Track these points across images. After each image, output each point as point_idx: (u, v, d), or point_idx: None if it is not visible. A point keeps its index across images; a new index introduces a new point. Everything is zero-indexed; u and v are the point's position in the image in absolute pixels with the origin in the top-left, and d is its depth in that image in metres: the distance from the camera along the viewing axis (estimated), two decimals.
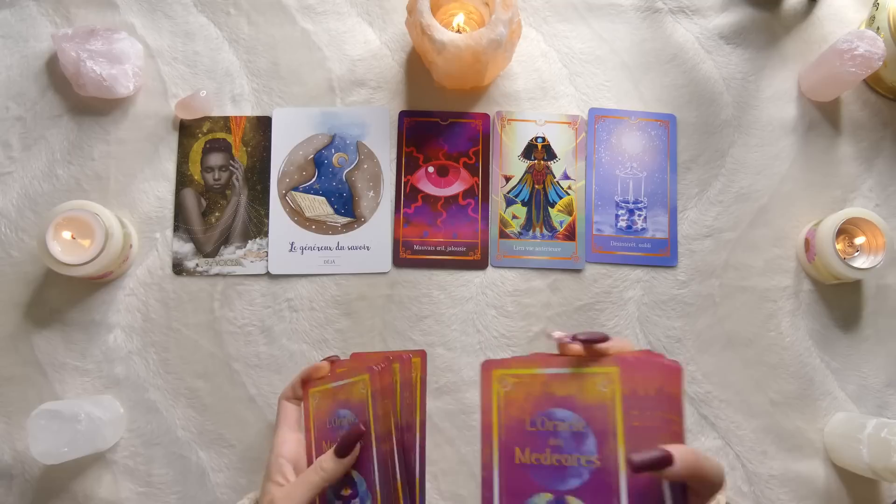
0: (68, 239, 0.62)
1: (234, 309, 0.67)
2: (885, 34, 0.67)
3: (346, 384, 0.48)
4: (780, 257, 0.69)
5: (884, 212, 0.70)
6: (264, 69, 0.71)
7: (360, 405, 0.47)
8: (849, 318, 0.69)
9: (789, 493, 0.65)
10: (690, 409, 0.66)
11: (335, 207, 0.69)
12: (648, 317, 0.68)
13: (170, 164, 0.69)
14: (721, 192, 0.70)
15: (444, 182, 0.70)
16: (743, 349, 0.68)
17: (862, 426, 0.61)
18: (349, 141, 0.70)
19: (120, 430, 0.64)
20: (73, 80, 0.68)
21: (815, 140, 0.72)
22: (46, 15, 0.72)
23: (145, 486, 0.64)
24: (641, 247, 0.69)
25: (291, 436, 0.51)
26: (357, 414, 0.47)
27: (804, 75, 0.72)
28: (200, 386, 0.66)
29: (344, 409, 0.48)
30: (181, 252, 0.68)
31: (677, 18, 0.74)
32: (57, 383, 0.65)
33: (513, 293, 0.68)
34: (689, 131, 0.72)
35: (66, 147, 0.69)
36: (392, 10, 0.73)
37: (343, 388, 0.49)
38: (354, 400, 0.48)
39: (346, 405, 0.48)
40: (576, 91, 0.72)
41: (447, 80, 0.69)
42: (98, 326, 0.66)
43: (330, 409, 0.49)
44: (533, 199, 0.70)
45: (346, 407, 0.48)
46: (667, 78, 0.73)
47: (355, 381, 0.48)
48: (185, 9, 0.72)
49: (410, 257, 0.68)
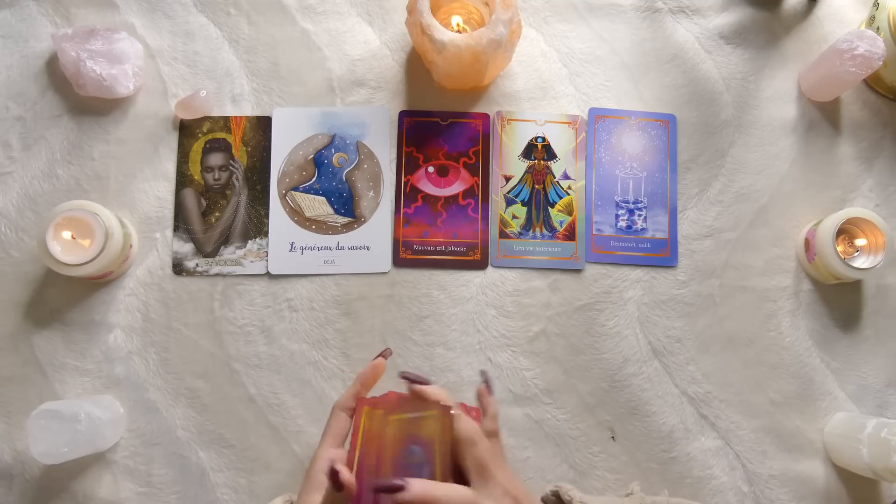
0: (68, 239, 0.62)
1: (234, 309, 0.67)
2: (885, 34, 0.67)
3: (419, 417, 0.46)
4: (780, 257, 0.69)
5: (884, 212, 0.70)
6: (264, 69, 0.71)
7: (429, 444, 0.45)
8: (849, 318, 0.69)
9: (789, 493, 0.65)
10: (690, 408, 0.66)
11: (335, 207, 0.69)
12: (648, 317, 0.68)
13: (170, 164, 0.69)
14: (721, 192, 0.70)
15: (444, 182, 0.70)
16: (743, 349, 0.68)
17: (862, 426, 0.61)
18: (349, 141, 0.70)
19: (120, 430, 0.64)
20: (73, 80, 0.68)
21: (815, 140, 0.72)
22: (46, 15, 0.72)
23: (145, 486, 0.64)
24: (641, 247, 0.69)
25: (335, 452, 0.49)
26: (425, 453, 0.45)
27: (804, 75, 0.72)
28: (200, 386, 0.66)
29: (416, 446, 0.46)
30: (181, 252, 0.68)
31: (677, 18, 0.74)
32: (57, 383, 0.65)
33: (513, 293, 0.68)
34: (689, 131, 0.72)
35: (66, 147, 0.69)
36: (392, 10, 0.73)
37: (416, 421, 0.46)
38: (423, 436, 0.46)
39: (417, 441, 0.46)
40: (576, 91, 0.72)
41: (447, 80, 0.69)
42: (98, 326, 0.66)
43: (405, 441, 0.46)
44: (533, 199, 0.70)
45: (416, 443, 0.46)
46: (667, 78, 0.73)
47: (427, 416, 0.46)
48: (185, 9, 0.72)
49: (410, 257, 0.68)
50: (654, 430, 0.66)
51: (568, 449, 0.65)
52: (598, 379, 0.66)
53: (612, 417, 0.66)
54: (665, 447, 0.65)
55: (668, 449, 0.65)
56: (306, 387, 0.66)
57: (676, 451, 0.65)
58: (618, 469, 0.65)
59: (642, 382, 0.66)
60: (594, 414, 0.66)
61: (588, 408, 0.66)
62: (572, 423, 0.65)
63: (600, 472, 0.65)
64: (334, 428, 0.50)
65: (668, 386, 0.67)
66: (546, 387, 0.66)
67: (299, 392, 0.66)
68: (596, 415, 0.66)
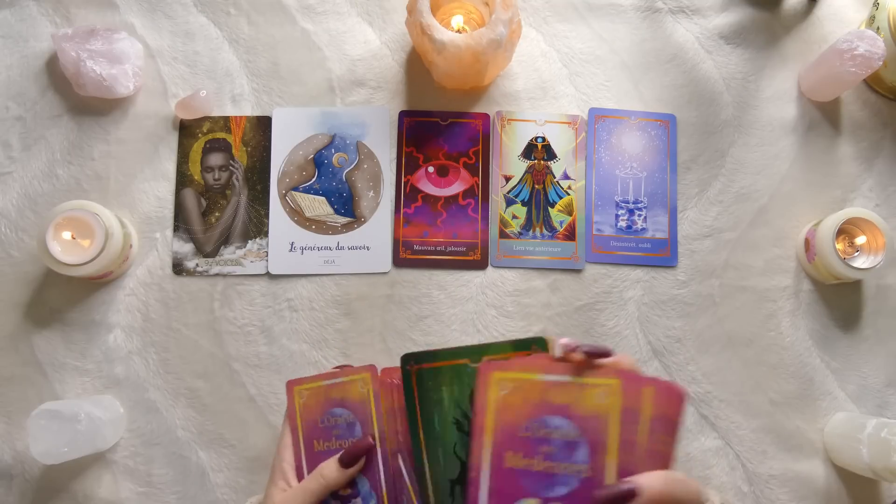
0: (68, 239, 0.62)
1: (234, 309, 0.67)
2: (885, 34, 0.67)
3: (340, 382, 0.48)
4: (780, 257, 0.69)
5: (884, 212, 0.70)
6: (264, 69, 0.71)
7: (359, 404, 0.47)
8: (849, 318, 0.69)
9: (789, 493, 0.65)
10: (690, 409, 0.66)
11: (335, 207, 0.69)
12: (648, 317, 0.68)
13: (170, 164, 0.69)
14: (721, 192, 0.70)
15: (444, 182, 0.70)
16: (743, 349, 0.68)
17: (862, 426, 0.61)
18: (349, 141, 0.70)
19: (120, 430, 0.64)
20: (73, 80, 0.68)
21: (815, 140, 0.72)
22: (46, 15, 0.72)
23: (145, 486, 0.64)
24: (641, 247, 0.69)
25: None
26: (356, 413, 0.47)
27: (804, 75, 0.72)
28: (200, 386, 0.66)
29: (339, 408, 0.48)
30: (181, 252, 0.68)
31: (677, 18, 0.74)
32: (57, 383, 0.65)
33: (513, 293, 0.68)
34: (689, 131, 0.72)
35: (66, 147, 0.69)
36: (392, 10, 0.73)
37: (337, 386, 0.48)
38: (352, 398, 0.47)
39: (341, 404, 0.48)
40: (576, 91, 0.72)
41: (447, 80, 0.69)
42: (98, 326, 0.66)
43: (321, 407, 0.48)
44: (533, 199, 0.70)
45: (341, 405, 0.48)
46: (667, 78, 0.73)
47: (353, 380, 0.47)
48: (185, 9, 0.72)
49: (410, 257, 0.68)
50: None
51: None
52: None
53: None
54: None
55: None
56: None
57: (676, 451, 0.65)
58: None
59: None
60: None
61: None
62: None
63: None
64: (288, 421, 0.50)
65: None
66: None
67: None
68: None
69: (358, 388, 0.47)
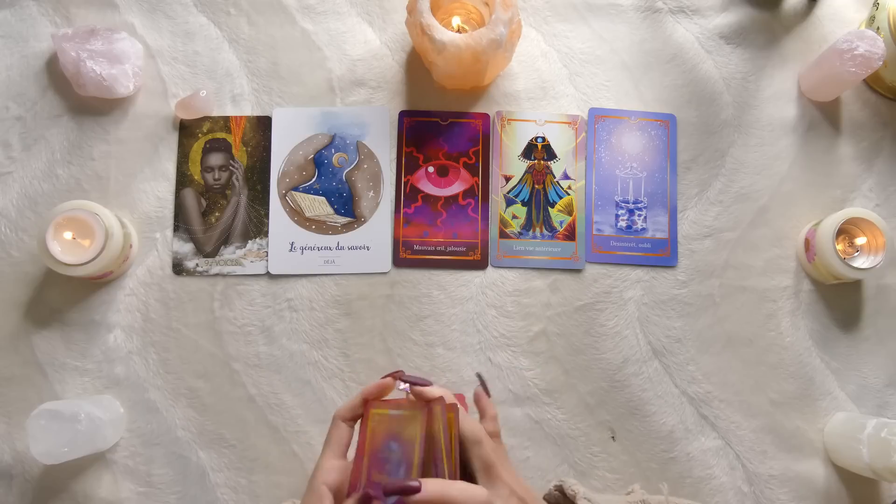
0: (68, 239, 0.62)
1: (234, 309, 0.67)
2: (885, 34, 0.67)
3: (403, 415, 0.47)
4: (780, 257, 0.69)
5: (884, 212, 0.70)
6: (264, 69, 0.71)
7: (409, 443, 0.45)
8: (849, 318, 0.69)
9: (789, 493, 0.65)
10: (690, 408, 0.66)
11: (335, 207, 0.69)
12: (648, 317, 0.68)
13: (170, 164, 0.69)
14: (721, 192, 0.70)
15: (444, 182, 0.70)
16: (743, 349, 0.68)
17: (862, 426, 0.61)
18: (349, 141, 0.70)
19: (120, 430, 0.64)
20: (73, 80, 0.68)
21: (815, 140, 0.72)
22: (46, 15, 0.72)
23: (145, 486, 0.64)
24: (641, 247, 0.69)
25: (337, 463, 0.47)
26: (403, 450, 0.45)
27: (804, 75, 0.72)
28: (200, 386, 0.66)
29: (395, 442, 0.46)
30: (181, 252, 0.68)
31: (677, 18, 0.74)
32: (57, 383, 0.65)
33: (513, 293, 0.68)
34: (689, 131, 0.72)
35: (66, 147, 0.69)
36: (392, 10, 0.73)
37: (397, 419, 0.47)
38: (405, 436, 0.46)
39: (397, 438, 0.46)
40: (576, 91, 0.72)
41: (447, 80, 0.69)
42: (98, 326, 0.66)
43: (384, 437, 0.47)
44: (533, 199, 0.70)
45: (397, 440, 0.46)
46: (667, 78, 0.73)
47: (412, 415, 0.46)
48: (185, 9, 0.72)
49: (410, 257, 0.68)
50: (654, 430, 0.66)
51: (568, 449, 0.65)
52: (598, 379, 0.66)
53: (612, 417, 0.66)
54: (665, 447, 0.65)
55: (668, 449, 0.65)
56: (306, 387, 0.66)
57: (676, 451, 0.65)
58: (618, 469, 0.65)
59: (642, 382, 0.66)
60: (594, 414, 0.66)
61: (588, 408, 0.66)
62: (572, 423, 0.65)
63: (600, 471, 0.65)
64: (335, 437, 0.49)
65: (668, 386, 0.67)
66: (546, 387, 0.66)
67: (299, 392, 0.66)
68: (596, 415, 0.66)
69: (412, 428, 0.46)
